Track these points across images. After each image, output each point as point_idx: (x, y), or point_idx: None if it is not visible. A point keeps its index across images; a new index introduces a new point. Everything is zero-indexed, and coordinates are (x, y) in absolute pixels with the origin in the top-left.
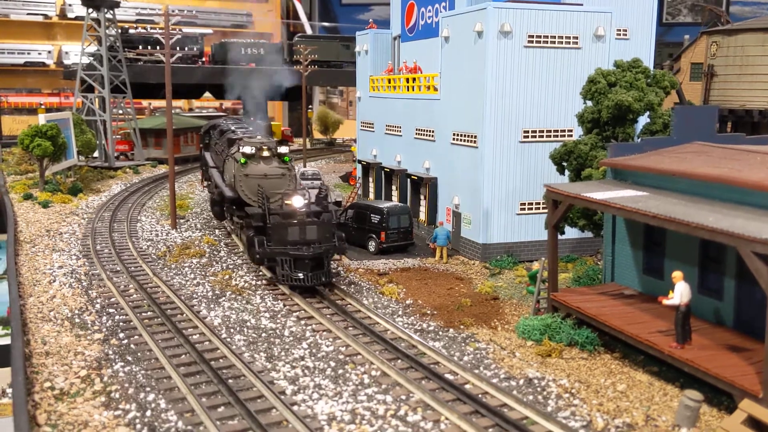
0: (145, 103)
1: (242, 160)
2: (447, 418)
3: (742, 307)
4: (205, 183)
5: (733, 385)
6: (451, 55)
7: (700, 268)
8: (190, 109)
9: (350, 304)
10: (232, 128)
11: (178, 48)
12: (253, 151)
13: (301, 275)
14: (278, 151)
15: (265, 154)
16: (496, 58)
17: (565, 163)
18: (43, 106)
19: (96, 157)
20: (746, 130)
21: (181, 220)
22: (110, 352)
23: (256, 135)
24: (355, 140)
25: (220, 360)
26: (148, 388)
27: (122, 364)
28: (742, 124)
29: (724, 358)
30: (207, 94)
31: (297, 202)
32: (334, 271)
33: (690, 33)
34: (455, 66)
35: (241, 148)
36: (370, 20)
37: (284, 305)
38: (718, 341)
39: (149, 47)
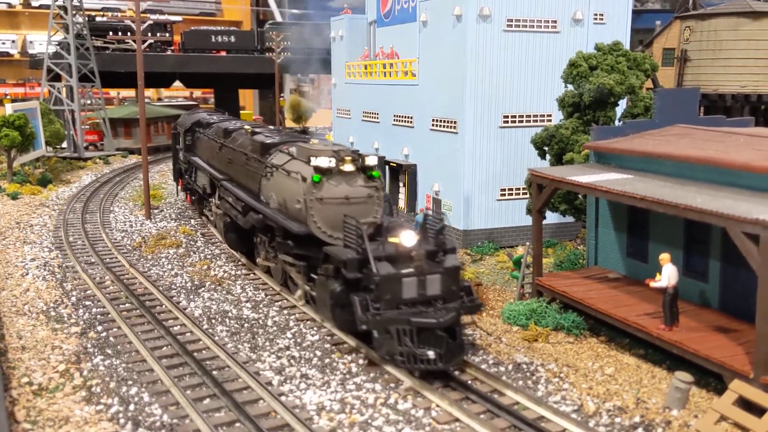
0: (113, 92)
1: (315, 178)
2: (438, 405)
3: (727, 289)
4: (192, 195)
5: (723, 366)
6: (430, 40)
7: (684, 251)
8: (159, 99)
9: None
10: (245, 126)
11: (149, 35)
12: (333, 164)
13: (431, 354)
14: (366, 163)
15: (347, 168)
16: (475, 43)
17: (546, 148)
18: (8, 97)
19: (64, 148)
20: (716, 112)
21: (155, 211)
22: (89, 346)
23: (309, 137)
24: (328, 128)
25: (203, 351)
26: (129, 382)
27: (102, 357)
28: (714, 108)
29: (713, 339)
30: (177, 83)
31: (407, 239)
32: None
33: (660, 19)
34: (434, 51)
35: (313, 159)
36: (345, 5)
37: (266, 295)
38: (705, 323)
39: (111, 33)
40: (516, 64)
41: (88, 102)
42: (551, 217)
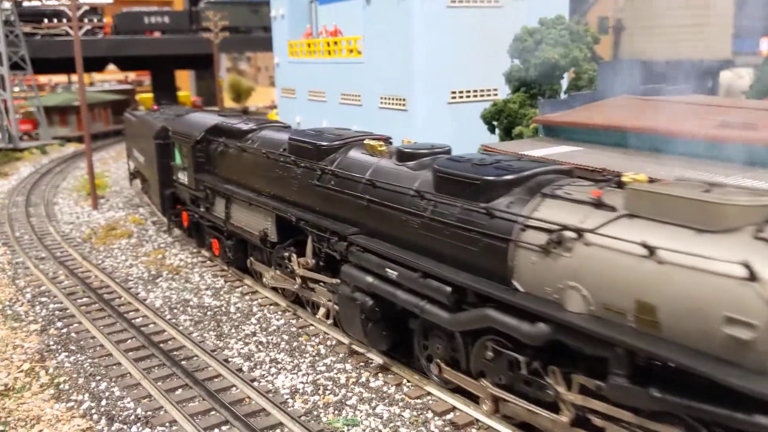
0: (43, 78)
1: None
2: (408, 381)
3: None
4: (220, 241)
5: None
6: (374, 17)
7: None
8: (91, 83)
9: None
10: (369, 142)
11: (86, 20)
12: None
13: None
14: None
15: None
16: (420, 20)
17: (495, 123)
18: None
19: None
20: (654, 81)
21: (102, 200)
22: (51, 343)
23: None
24: (270, 107)
25: (169, 342)
26: (98, 377)
27: (66, 354)
28: (650, 75)
29: None
30: (111, 66)
31: None
32: None
33: None
34: (378, 28)
35: None
36: None
37: (225, 281)
38: None
39: (46, 20)
40: (461, 40)
41: (18, 90)
42: None
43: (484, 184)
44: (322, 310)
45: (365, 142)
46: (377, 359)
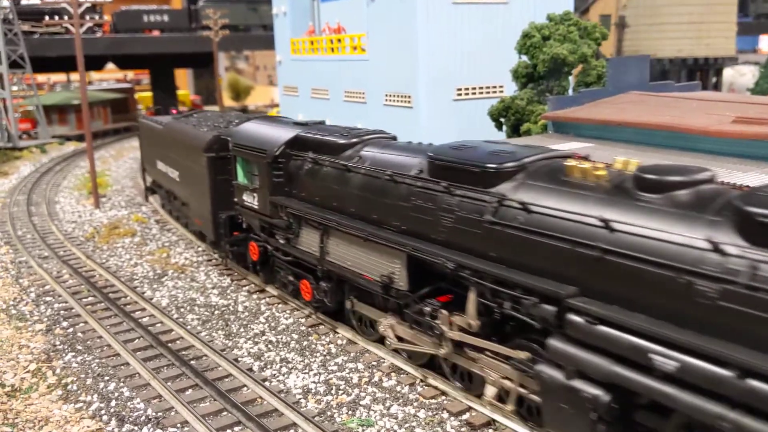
0: (41, 77)
1: None
2: (422, 380)
3: None
4: (316, 293)
5: None
6: (378, 14)
7: None
8: (90, 83)
9: None
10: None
11: (87, 17)
12: None
13: None
14: None
15: None
16: (426, 16)
17: (503, 119)
18: None
19: None
20: (656, 78)
21: (103, 199)
22: (57, 343)
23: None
24: (269, 106)
25: (178, 341)
26: (106, 377)
27: (73, 354)
28: (653, 72)
29: None
30: (110, 65)
31: None
32: None
33: None
34: (383, 25)
35: None
36: None
37: (232, 280)
38: None
39: (46, 18)
40: (467, 37)
41: (16, 89)
42: None
43: None
44: (491, 390)
45: (567, 163)
46: (389, 358)
